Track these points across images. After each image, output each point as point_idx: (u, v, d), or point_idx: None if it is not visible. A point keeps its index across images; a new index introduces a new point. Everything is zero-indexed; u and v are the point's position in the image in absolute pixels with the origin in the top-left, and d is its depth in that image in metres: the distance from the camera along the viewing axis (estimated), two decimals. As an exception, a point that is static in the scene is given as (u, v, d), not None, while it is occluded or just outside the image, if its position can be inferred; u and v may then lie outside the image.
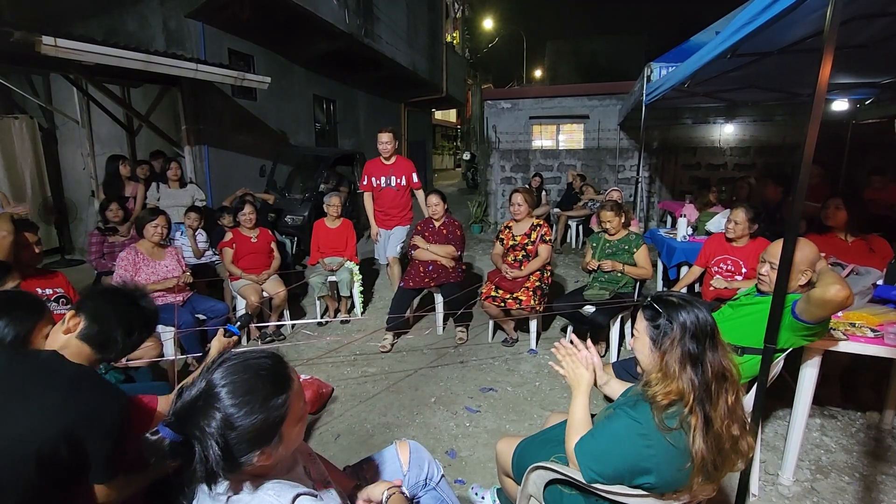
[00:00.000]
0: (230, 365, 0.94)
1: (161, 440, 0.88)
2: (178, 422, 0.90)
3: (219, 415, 0.89)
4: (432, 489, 1.53)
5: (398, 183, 4.24)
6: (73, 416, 1.20)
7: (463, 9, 17.69)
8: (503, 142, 9.32)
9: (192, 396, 0.92)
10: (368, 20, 8.86)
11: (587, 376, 1.50)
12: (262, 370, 0.95)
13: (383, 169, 4.25)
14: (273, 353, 1.01)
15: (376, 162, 4.29)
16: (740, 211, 3.09)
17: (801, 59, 3.16)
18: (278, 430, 0.93)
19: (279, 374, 0.96)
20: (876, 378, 2.77)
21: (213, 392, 0.91)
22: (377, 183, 4.26)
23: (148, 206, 4.62)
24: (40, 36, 3.52)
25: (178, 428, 0.90)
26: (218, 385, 0.91)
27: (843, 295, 1.62)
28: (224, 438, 0.88)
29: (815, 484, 2.21)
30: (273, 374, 0.95)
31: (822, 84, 1.53)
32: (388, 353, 3.69)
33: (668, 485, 1.26)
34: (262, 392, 0.92)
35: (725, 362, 1.26)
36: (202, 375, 0.95)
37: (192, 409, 0.91)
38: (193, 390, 0.93)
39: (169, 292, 3.22)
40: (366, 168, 4.33)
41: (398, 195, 4.28)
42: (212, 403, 0.90)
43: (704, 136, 8.59)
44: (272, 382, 0.94)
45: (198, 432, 0.88)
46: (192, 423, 0.90)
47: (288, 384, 0.96)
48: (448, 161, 27.05)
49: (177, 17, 5.90)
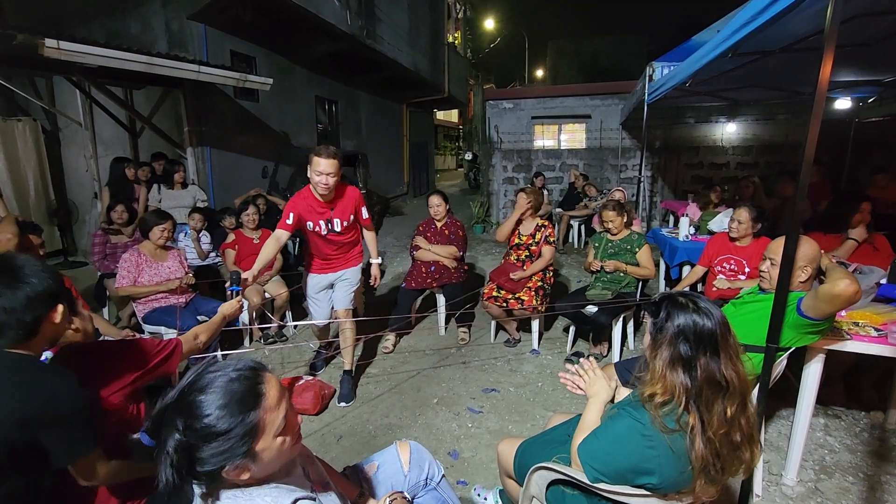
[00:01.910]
0: (205, 377, 0.94)
1: (139, 442, 0.91)
2: (154, 427, 0.93)
3: (182, 425, 0.89)
4: (433, 489, 1.53)
5: (342, 225, 2.95)
6: (19, 406, 1.16)
7: (464, 9, 17.72)
8: (505, 142, 9.32)
9: (164, 403, 0.93)
10: (370, 21, 8.87)
11: (608, 389, 1.53)
12: (233, 384, 0.93)
13: (321, 210, 2.88)
14: (252, 366, 0.99)
15: (307, 197, 2.86)
16: (743, 210, 3.09)
17: (803, 58, 3.15)
18: (248, 446, 0.91)
19: (250, 391, 0.94)
20: (880, 377, 2.76)
21: (185, 402, 0.92)
22: (314, 227, 2.89)
23: (150, 208, 4.64)
24: (43, 39, 3.54)
25: (153, 433, 0.92)
26: (188, 396, 0.92)
27: (852, 289, 1.63)
28: (188, 449, 0.88)
29: (818, 484, 2.20)
30: (243, 390, 0.93)
31: (822, 82, 1.53)
32: (390, 353, 3.69)
33: (670, 486, 1.26)
34: (229, 408, 0.90)
35: (728, 372, 1.23)
36: (178, 384, 0.95)
37: (163, 415, 0.92)
38: (167, 397, 0.94)
39: (171, 294, 3.23)
40: (291, 203, 2.84)
41: (343, 237, 3.02)
42: (180, 412, 0.91)
43: (707, 136, 8.57)
44: (240, 399, 0.92)
45: (166, 439, 0.90)
46: (163, 430, 0.91)
47: (257, 401, 0.93)
48: (450, 161, 27.07)
49: (179, 19, 5.92)
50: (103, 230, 4.13)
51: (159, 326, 3.13)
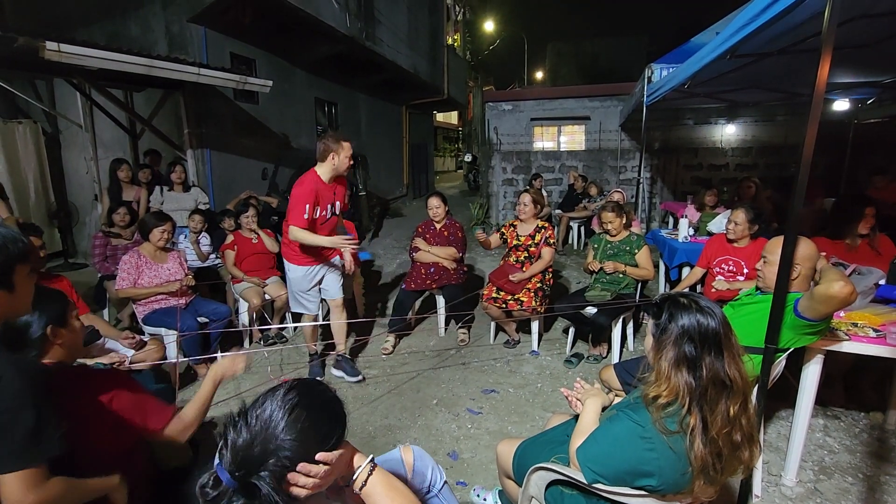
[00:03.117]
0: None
1: (219, 484, 0.89)
2: (244, 466, 0.90)
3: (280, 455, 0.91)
4: (435, 496, 1.50)
5: (338, 207, 3.15)
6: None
7: (464, 11, 17.74)
8: (504, 143, 9.33)
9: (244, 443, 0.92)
10: (370, 23, 8.89)
11: (604, 395, 1.60)
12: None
13: (328, 194, 3.02)
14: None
15: (318, 182, 2.96)
16: (740, 212, 3.09)
17: (802, 59, 3.16)
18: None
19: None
20: (879, 378, 2.76)
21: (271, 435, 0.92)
22: (321, 212, 2.99)
23: (151, 210, 4.65)
24: (44, 41, 3.54)
25: (242, 474, 0.90)
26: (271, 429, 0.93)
27: (846, 291, 1.63)
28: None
29: (818, 485, 2.20)
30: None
31: (820, 84, 1.54)
32: (389, 355, 3.69)
33: (670, 487, 1.26)
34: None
35: (731, 371, 1.24)
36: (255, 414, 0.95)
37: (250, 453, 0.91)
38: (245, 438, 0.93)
39: (172, 296, 3.23)
40: (308, 193, 2.88)
41: (334, 221, 3.17)
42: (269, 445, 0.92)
43: (706, 137, 8.59)
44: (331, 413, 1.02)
45: (262, 475, 0.89)
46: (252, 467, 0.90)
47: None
48: (449, 163, 27.09)
49: (179, 22, 5.93)
50: (104, 232, 4.14)
51: (159, 328, 3.13)
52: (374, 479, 1.07)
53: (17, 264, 1.09)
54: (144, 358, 2.60)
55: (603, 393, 1.61)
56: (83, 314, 2.70)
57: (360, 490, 1.06)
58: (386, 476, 1.09)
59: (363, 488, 1.06)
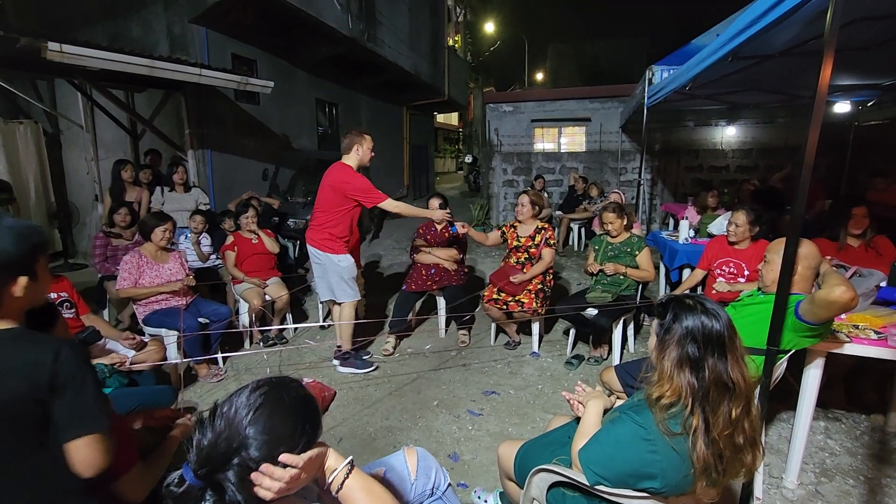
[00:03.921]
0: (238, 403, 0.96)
1: (183, 483, 0.88)
2: (205, 464, 0.89)
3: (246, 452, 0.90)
4: (438, 498, 1.50)
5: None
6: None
7: (465, 13, 17.77)
8: (505, 145, 9.34)
9: (210, 441, 0.91)
10: (371, 25, 8.90)
11: (605, 398, 1.60)
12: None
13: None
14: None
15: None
16: (741, 214, 3.09)
17: (803, 62, 3.16)
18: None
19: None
20: (880, 380, 2.76)
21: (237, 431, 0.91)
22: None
23: (152, 211, 4.65)
24: (46, 42, 3.55)
25: (205, 472, 0.89)
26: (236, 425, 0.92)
27: (847, 296, 1.63)
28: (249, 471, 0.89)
29: (819, 487, 2.20)
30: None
31: (822, 86, 1.54)
32: (390, 356, 3.69)
33: (672, 489, 1.26)
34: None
35: (734, 374, 1.24)
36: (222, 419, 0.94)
37: (215, 451, 0.90)
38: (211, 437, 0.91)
39: (173, 296, 3.23)
40: (361, 175, 3.24)
41: None
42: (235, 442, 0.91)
43: (706, 139, 8.59)
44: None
45: (227, 474, 0.89)
46: (218, 465, 0.89)
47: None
48: (450, 164, 27.11)
49: (181, 23, 5.94)
50: (104, 233, 4.14)
51: (160, 329, 3.12)
52: (350, 482, 1.04)
53: (40, 255, 1.20)
54: (145, 359, 2.60)
55: (604, 395, 1.60)
56: (83, 314, 2.71)
57: (337, 493, 1.04)
58: (364, 478, 1.06)
59: (339, 491, 1.04)
